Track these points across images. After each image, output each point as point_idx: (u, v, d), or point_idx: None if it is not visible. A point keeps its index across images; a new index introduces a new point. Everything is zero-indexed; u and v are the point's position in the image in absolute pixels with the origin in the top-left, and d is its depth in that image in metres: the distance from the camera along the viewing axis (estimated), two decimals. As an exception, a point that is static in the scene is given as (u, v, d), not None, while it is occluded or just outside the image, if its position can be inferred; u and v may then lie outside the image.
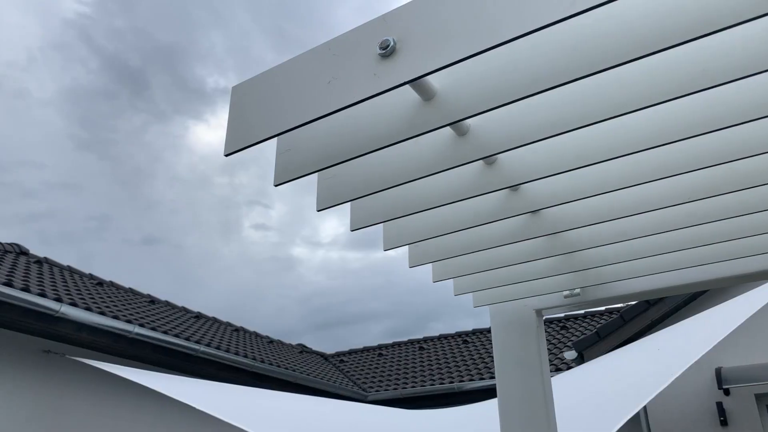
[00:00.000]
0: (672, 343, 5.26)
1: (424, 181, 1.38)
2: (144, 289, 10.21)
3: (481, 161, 1.33)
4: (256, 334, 11.63)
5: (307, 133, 1.24)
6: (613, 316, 9.75)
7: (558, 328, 10.87)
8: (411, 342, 12.95)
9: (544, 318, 2.04)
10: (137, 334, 6.49)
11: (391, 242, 1.54)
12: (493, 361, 2.48)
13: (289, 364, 9.48)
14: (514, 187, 1.39)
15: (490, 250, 1.69)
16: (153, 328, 6.94)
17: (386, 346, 13.20)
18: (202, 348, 7.30)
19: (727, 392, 6.59)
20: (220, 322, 10.88)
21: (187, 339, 7.32)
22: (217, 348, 7.76)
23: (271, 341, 11.65)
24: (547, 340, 10.35)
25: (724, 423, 6.51)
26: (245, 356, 8.10)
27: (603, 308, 11.04)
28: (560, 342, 9.85)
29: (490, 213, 1.43)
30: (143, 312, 8.14)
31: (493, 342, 2.03)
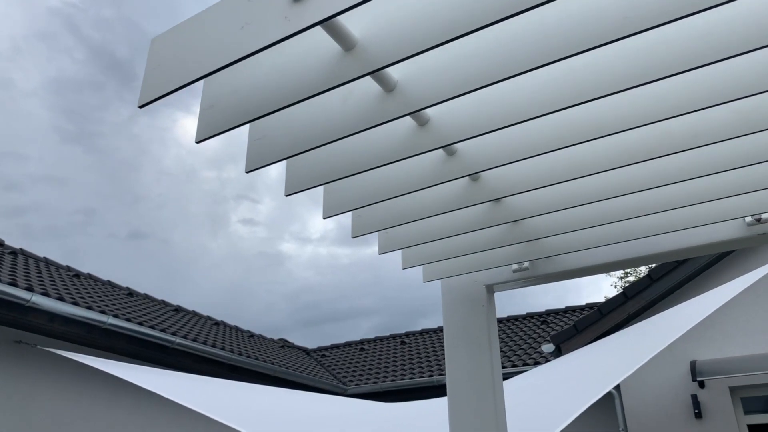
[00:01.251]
0: (645, 334, 5.28)
1: (358, 142, 1.35)
2: (131, 286, 10.11)
3: (415, 123, 1.30)
4: (237, 328, 11.56)
5: (232, 88, 1.21)
6: (592, 310, 9.78)
7: (539, 323, 10.91)
8: (393, 337, 12.93)
9: (495, 293, 2.02)
10: (111, 324, 6.41)
11: (331, 209, 1.51)
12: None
13: (268, 357, 9.43)
14: (449, 147, 1.36)
15: (435, 220, 1.67)
16: (128, 319, 6.86)
17: (368, 341, 13.17)
18: (178, 340, 7.23)
19: (702, 385, 6.62)
20: (200, 316, 10.81)
21: (163, 331, 7.25)
22: (194, 340, 7.69)
23: (251, 335, 11.58)
24: (527, 334, 10.36)
25: (698, 416, 6.54)
26: (222, 348, 8.04)
27: (584, 303, 11.08)
28: (540, 336, 9.87)
29: (428, 177, 1.40)
30: (120, 304, 8.05)
31: (443, 319, 2.01)
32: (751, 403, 6.59)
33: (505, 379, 6.06)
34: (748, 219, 1.59)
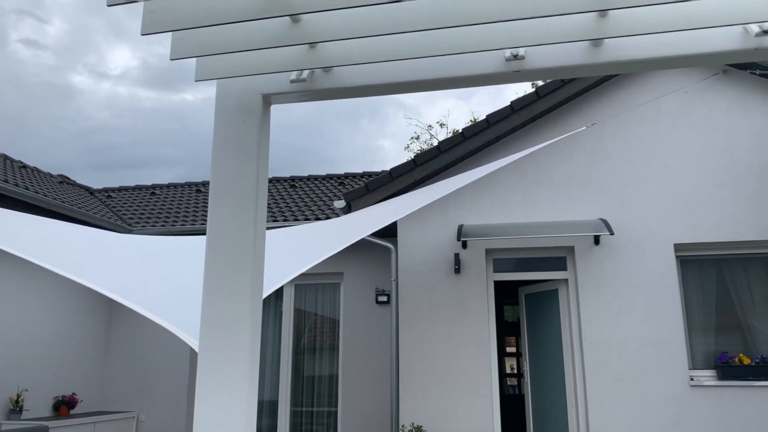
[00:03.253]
0: (422, 194, 5.76)
1: None
2: None
3: None
4: (6, 157, 10.25)
5: None
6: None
7: (336, 184, 11.34)
8: (189, 184, 12.53)
9: (272, 107, 1.98)
10: None
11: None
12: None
13: (41, 190, 8.58)
14: None
15: (209, 6, 1.53)
16: None
17: (161, 186, 12.61)
18: None
19: (464, 245, 7.54)
20: (-44, 137, 9.31)
21: None
22: (-56, 159, 6.65)
23: (24, 167, 10.38)
24: (324, 193, 10.74)
25: (458, 271, 7.49)
26: (-18, 173, 7.09)
27: (380, 170, 11.69)
28: (335, 195, 10.31)
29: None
30: None
31: (213, 129, 1.93)
32: (499, 264, 7.70)
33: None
34: (507, 54, 1.72)
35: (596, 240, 7.21)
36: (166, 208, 10.75)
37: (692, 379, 6.78)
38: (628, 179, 7.40)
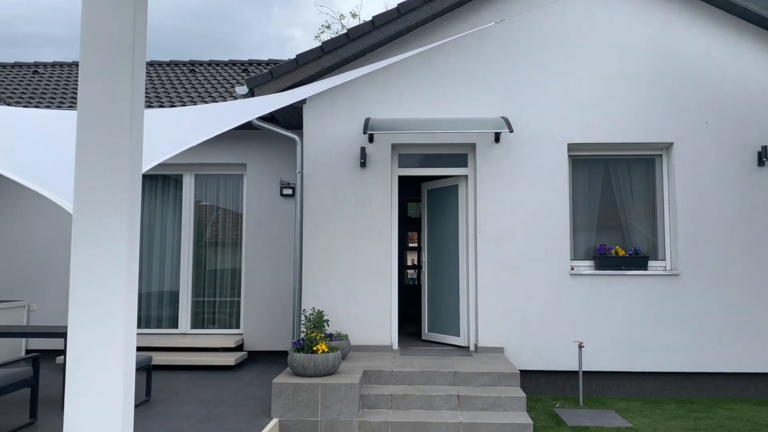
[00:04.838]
0: (318, 86, 5.60)
1: None
2: None
3: None
4: None
5: None
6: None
7: (240, 71, 10.80)
8: (77, 64, 11.49)
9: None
10: None
11: None
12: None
13: None
14: None
15: None
16: None
17: (45, 65, 11.49)
18: None
19: (371, 139, 7.52)
20: None
21: None
22: None
23: None
24: (225, 80, 10.22)
25: (363, 165, 7.52)
26: None
27: (286, 58, 11.22)
28: (238, 82, 9.85)
29: None
30: None
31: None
32: (404, 159, 7.80)
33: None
34: None
35: (496, 138, 7.41)
36: (51, 87, 9.85)
37: (572, 269, 7.38)
38: (530, 78, 7.55)
